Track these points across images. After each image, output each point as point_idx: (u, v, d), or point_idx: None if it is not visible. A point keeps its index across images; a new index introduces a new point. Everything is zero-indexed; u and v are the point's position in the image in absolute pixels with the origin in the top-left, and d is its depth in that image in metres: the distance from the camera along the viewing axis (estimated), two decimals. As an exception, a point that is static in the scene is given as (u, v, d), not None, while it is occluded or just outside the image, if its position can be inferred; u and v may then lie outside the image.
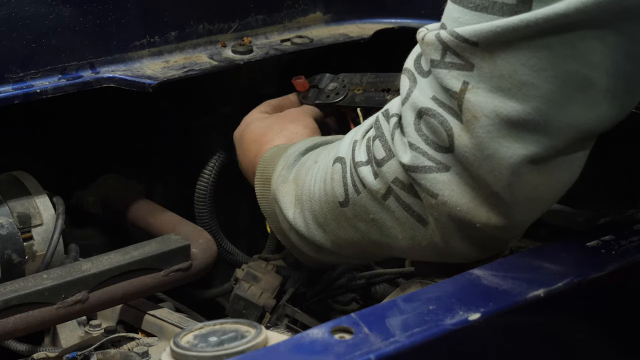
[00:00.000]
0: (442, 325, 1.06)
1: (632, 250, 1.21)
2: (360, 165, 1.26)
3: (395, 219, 1.24)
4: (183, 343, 1.05)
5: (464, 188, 1.16)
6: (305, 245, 1.43)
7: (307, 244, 1.42)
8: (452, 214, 1.18)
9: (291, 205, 1.42)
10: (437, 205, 1.18)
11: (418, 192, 1.20)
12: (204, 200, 1.81)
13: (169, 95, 1.74)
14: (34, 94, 1.58)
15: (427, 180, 1.17)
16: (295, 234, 1.43)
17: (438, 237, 1.22)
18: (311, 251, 1.44)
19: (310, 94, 1.77)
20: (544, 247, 1.26)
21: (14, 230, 1.60)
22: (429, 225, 1.22)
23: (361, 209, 1.28)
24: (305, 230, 1.40)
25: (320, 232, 1.37)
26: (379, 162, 1.23)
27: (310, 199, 1.37)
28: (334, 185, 1.31)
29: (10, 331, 1.48)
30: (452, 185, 1.16)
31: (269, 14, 1.84)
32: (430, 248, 1.24)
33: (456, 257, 1.25)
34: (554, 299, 1.12)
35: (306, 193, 1.38)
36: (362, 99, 1.70)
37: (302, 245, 1.44)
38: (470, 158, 1.13)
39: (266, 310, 1.74)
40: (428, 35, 1.17)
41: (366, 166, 1.25)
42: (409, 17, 1.92)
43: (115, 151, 1.95)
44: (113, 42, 1.67)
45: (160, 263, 1.60)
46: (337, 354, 1.00)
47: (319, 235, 1.38)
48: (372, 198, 1.25)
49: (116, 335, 1.61)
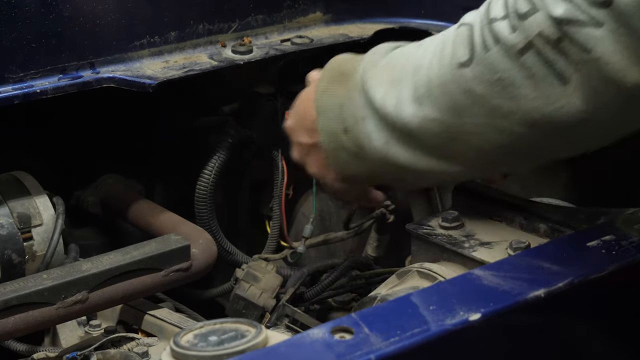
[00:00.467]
0: (442, 325, 1.06)
1: (632, 250, 1.21)
2: (495, 21, 1.20)
3: (530, 77, 1.18)
4: (183, 342, 1.05)
5: (618, 46, 1.12)
6: (376, 134, 1.33)
7: (381, 130, 1.32)
8: (604, 71, 1.13)
9: (381, 85, 1.33)
10: (590, 61, 1.13)
11: (566, 47, 1.15)
12: (204, 200, 1.81)
13: (169, 95, 1.74)
14: (34, 94, 1.58)
15: (581, 35, 1.13)
16: (369, 122, 1.33)
17: (578, 99, 1.17)
18: (382, 141, 1.33)
19: None
20: (544, 247, 1.26)
21: (14, 230, 1.60)
22: (570, 85, 1.16)
23: (486, 68, 1.20)
24: (394, 108, 1.30)
25: (414, 108, 1.28)
26: (521, 15, 1.17)
27: (414, 71, 1.29)
28: (456, 47, 1.24)
29: (10, 331, 1.48)
30: (606, 41, 1.12)
31: (269, 14, 1.84)
32: (563, 113, 1.18)
33: (580, 135, 1.21)
34: (554, 299, 1.12)
35: (408, 67, 1.30)
36: None
37: (370, 137, 1.33)
38: (631, 12, 1.09)
39: (266, 310, 1.74)
40: None
41: (502, 21, 1.19)
42: (409, 17, 1.92)
43: (115, 151, 1.95)
44: (113, 42, 1.67)
45: (160, 263, 1.60)
46: (337, 354, 1.00)
47: (409, 111, 1.28)
48: (505, 54, 1.19)
49: (116, 335, 1.61)
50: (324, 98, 1.40)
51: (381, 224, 1.94)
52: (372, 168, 1.35)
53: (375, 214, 1.91)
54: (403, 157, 1.30)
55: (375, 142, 1.31)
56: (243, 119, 1.91)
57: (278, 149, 1.90)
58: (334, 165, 1.39)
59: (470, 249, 1.38)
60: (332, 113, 1.38)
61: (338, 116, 1.36)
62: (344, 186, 1.43)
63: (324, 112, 1.39)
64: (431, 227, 1.47)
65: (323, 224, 2.00)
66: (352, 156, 1.35)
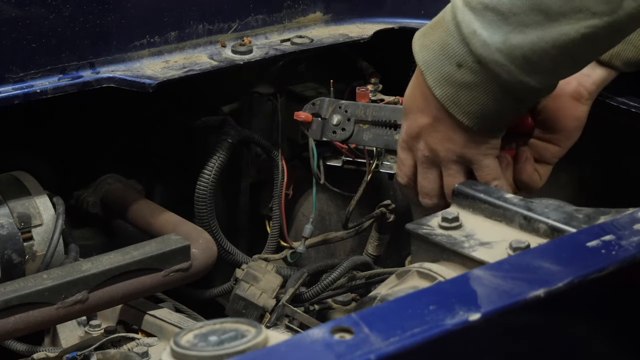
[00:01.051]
0: (442, 325, 1.06)
1: (632, 250, 1.21)
2: None
3: None
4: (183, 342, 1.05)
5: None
6: (493, 35, 1.30)
7: (498, 26, 1.30)
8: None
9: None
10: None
11: None
12: (204, 200, 1.81)
13: (169, 95, 1.74)
14: (34, 94, 1.58)
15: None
16: (481, 29, 1.31)
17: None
18: (501, 38, 1.30)
19: (315, 126, 1.75)
20: (544, 247, 1.26)
21: (14, 230, 1.60)
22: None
23: None
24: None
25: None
26: None
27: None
28: None
29: (10, 331, 1.48)
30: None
31: (269, 14, 1.84)
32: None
33: None
34: (554, 299, 1.12)
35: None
36: (370, 137, 1.69)
37: (487, 43, 1.31)
38: None
39: (266, 310, 1.74)
40: None
41: None
42: (409, 17, 1.92)
43: (115, 151, 1.95)
44: (113, 42, 1.67)
45: (160, 263, 1.60)
46: (337, 354, 1.00)
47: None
48: None
49: (116, 335, 1.61)
50: (424, 52, 1.38)
51: (382, 223, 1.94)
52: (499, 88, 1.33)
53: (375, 214, 1.91)
54: (529, 39, 1.28)
55: (495, 45, 1.30)
56: (243, 119, 1.91)
57: (278, 149, 1.90)
58: (458, 114, 1.37)
59: (470, 249, 1.38)
60: (438, 58, 1.36)
61: (446, 56, 1.35)
62: (476, 139, 1.41)
63: (429, 63, 1.37)
64: (431, 227, 1.47)
65: (323, 224, 2.00)
66: (476, 88, 1.34)
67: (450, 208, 1.45)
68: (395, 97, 1.81)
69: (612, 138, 1.83)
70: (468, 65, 1.33)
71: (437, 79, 1.37)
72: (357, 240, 2.02)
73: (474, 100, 1.36)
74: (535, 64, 1.31)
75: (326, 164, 1.87)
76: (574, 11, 1.26)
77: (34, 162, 1.82)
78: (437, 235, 1.43)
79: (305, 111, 1.74)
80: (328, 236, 1.94)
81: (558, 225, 1.33)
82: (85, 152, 1.92)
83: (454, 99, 1.37)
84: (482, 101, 1.36)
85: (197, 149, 1.89)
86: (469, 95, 1.36)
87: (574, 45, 1.29)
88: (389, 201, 1.92)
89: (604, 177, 1.89)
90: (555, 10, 1.27)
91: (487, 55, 1.31)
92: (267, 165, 1.96)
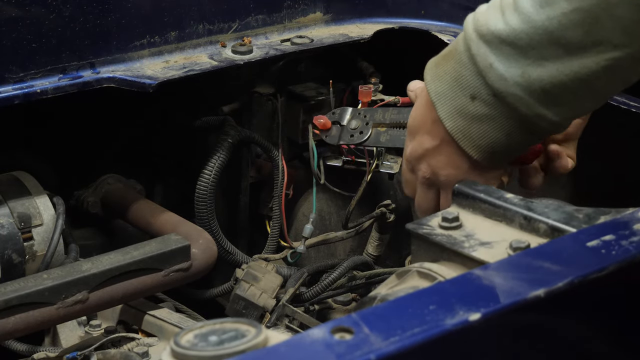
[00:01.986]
0: (442, 325, 1.06)
1: (632, 250, 1.21)
2: None
3: None
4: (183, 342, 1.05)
5: None
6: (510, 68, 1.28)
7: (516, 59, 1.27)
8: None
9: (496, 16, 1.28)
10: None
11: None
12: (204, 200, 1.81)
13: (169, 95, 1.74)
14: (34, 94, 1.58)
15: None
16: (499, 62, 1.28)
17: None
18: (519, 71, 1.28)
19: (334, 132, 1.76)
20: (544, 247, 1.26)
21: (14, 230, 1.60)
22: None
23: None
24: (522, 23, 1.25)
25: (546, 11, 1.24)
26: None
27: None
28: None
29: (10, 331, 1.48)
30: None
31: (269, 14, 1.84)
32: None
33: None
34: (554, 299, 1.12)
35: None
36: (388, 138, 1.70)
37: (504, 77, 1.28)
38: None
39: (266, 310, 1.74)
40: None
41: None
42: (409, 17, 1.93)
43: (115, 151, 1.95)
44: (113, 42, 1.67)
45: (160, 263, 1.60)
46: (337, 354, 1.00)
47: (542, 17, 1.24)
48: None
49: (116, 335, 1.61)
50: (436, 83, 1.36)
51: (382, 223, 1.94)
52: (515, 122, 1.31)
53: (375, 214, 1.91)
54: (549, 72, 1.27)
55: (513, 78, 1.27)
56: (243, 119, 1.91)
57: (278, 149, 1.90)
58: (468, 147, 1.36)
59: (470, 249, 1.38)
60: (451, 90, 1.34)
61: (459, 88, 1.33)
62: (480, 168, 1.39)
63: (442, 94, 1.35)
64: (431, 226, 1.46)
65: (323, 224, 2.00)
66: (488, 121, 1.32)
67: (450, 208, 1.45)
68: (395, 97, 1.81)
69: (612, 138, 1.83)
70: (483, 98, 1.31)
71: (449, 111, 1.35)
72: (357, 240, 2.02)
73: (485, 134, 1.34)
74: (555, 96, 1.29)
75: (326, 164, 1.87)
76: (594, 44, 1.24)
77: (34, 162, 1.82)
78: (437, 235, 1.43)
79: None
80: (328, 236, 1.94)
81: (558, 225, 1.33)
82: (85, 152, 1.92)
83: (465, 132, 1.35)
84: (493, 135, 1.35)
85: (197, 149, 1.89)
86: (480, 128, 1.34)
87: (595, 78, 1.27)
88: (389, 201, 1.92)
89: (604, 177, 1.89)
90: (575, 44, 1.25)
91: (504, 88, 1.29)
92: (267, 165, 1.96)
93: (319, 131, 1.76)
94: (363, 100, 1.77)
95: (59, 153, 1.90)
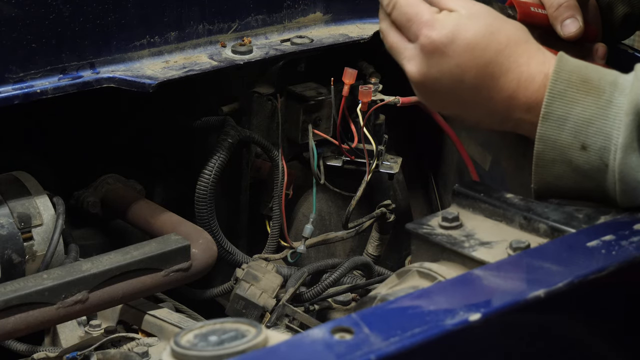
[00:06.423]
0: (442, 325, 1.06)
1: (632, 250, 1.21)
2: None
3: None
4: (183, 342, 1.05)
5: None
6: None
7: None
8: None
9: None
10: None
11: None
12: (204, 200, 1.81)
13: (169, 95, 1.74)
14: (34, 94, 1.58)
15: None
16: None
17: None
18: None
19: None
20: (544, 247, 1.26)
21: (14, 230, 1.60)
22: None
23: None
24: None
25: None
26: None
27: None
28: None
29: (10, 331, 1.48)
30: None
31: (269, 14, 1.84)
32: None
33: None
34: (554, 299, 1.12)
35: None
36: None
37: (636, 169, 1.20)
38: None
39: (266, 310, 1.74)
40: None
41: None
42: (409, 17, 1.92)
43: (115, 151, 1.95)
44: (113, 42, 1.67)
45: (160, 263, 1.60)
46: (337, 354, 1.00)
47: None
48: None
49: (116, 335, 1.61)
50: (561, 105, 1.24)
51: (382, 223, 1.94)
52: (591, 186, 1.24)
53: (375, 214, 1.91)
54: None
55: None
56: (243, 119, 1.91)
57: (278, 149, 1.90)
58: (535, 174, 1.27)
59: (470, 249, 1.38)
60: (572, 125, 1.23)
61: (579, 130, 1.23)
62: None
63: (558, 120, 1.23)
64: (431, 226, 1.47)
65: (323, 224, 2.00)
66: (575, 173, 1.25)
67: (450, 208, 1.45)
68: (395, 97, 1.81)
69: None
70: (591, 156, 1.23)
71: (553, 139, 1.24)
72: (357, 240, 2.02)
73: (560, 178, 1.27)
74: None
75: (326, 164, 1.87)
76: None
77: (34, 162, 1.82)
78: (437, 235, 1.43)
79: None
80: (328, 236, 1.94)
81: (558, 225, 1.33)
82: (85, 152, 1.92)
83: (549, 165, 1.26)
84: (563, 183, 1.28)
85: (197, 149, 1.89)
86: (563, 172, 1.26)
87: None
88: (389, 201, 1.92)
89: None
90: None
91: (628, 179, 1.23)
92: (267, 165, 1.96)
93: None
94: (363, 100, 1.77)
95: (59, 153, 1.90)
